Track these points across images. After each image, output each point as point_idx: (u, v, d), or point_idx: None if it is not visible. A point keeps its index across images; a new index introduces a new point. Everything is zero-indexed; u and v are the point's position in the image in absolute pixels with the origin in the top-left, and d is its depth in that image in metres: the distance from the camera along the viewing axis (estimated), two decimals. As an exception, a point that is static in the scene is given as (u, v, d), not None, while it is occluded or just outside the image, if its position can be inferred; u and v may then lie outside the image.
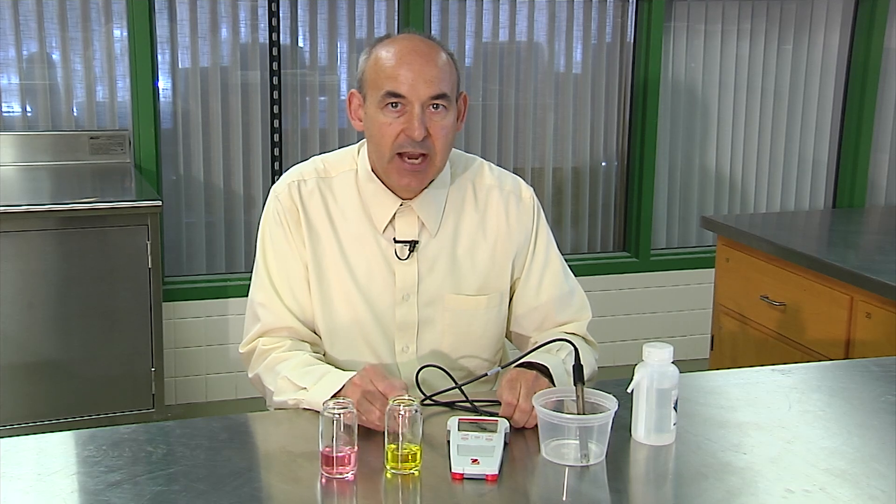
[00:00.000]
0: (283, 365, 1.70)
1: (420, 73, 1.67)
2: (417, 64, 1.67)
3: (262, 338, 1.78)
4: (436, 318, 1.80)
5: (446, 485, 1.35)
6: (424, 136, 1.68)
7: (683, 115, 4.36)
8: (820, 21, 4.47)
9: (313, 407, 1.56)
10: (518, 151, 4.17)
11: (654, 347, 1.48)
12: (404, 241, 1.78)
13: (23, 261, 2.93)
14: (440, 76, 1.69)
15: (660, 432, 1.48)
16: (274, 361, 1.72)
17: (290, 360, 1.70)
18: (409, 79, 1.66)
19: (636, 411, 1.49)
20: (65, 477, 1.34)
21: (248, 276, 3.78)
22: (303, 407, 1.61)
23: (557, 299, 1.86)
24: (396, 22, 3.94)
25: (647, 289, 4.27)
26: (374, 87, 1.70)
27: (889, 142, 4.65)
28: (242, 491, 1.31)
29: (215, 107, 3.78)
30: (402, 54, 1.69)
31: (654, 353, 1.48)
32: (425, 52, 1.70)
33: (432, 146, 1.70)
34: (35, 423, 3.00)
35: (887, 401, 1.68)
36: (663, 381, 1.47)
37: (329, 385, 1.58)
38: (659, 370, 1.47)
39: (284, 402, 1.65)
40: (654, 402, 1.47)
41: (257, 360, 1.76)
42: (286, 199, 1.79)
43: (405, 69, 1.67)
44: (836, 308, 2.63)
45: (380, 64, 1.70)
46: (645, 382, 1.47)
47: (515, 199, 1.86)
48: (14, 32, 3.53)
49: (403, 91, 1.67)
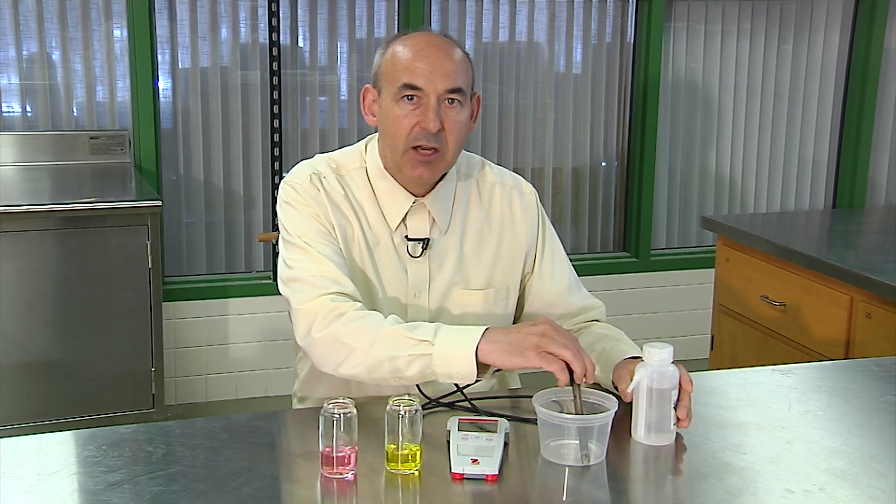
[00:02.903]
0: (372, 322, 1.59)
1: (437, 66, 1.68)
2: (435, 57, 1.68)
3: (327, 296, 1.64)
4: (446, 315, 1.80)
5: (446, 485, 1.35)
6: (438, 130, 1.68)
7: (683, 115, 4.36)
8: (820, 21, 4.47)
9: (439, 365, 1.52)
10: (518, 151, 4.18)
11: (654, 348, 1.48)
12: (417, 239, 1.79)
13: (23, 261, 2.93)
14: (456, 70, 1.70)
15: (660, 432, 1.48)
16: (354, 319, 1.61)
17: (379, 318, 1.60)
18: (425, 71, 1.67)
19: (636, 411, 1.49)
20: (65, 477, 1.34)
21: (248, 276, 3.85)
22: (416, 366, 1.54)
23: (570, 287, 1.89)
24: (396, 22, 3.94)
25: (647, 289, 4.27)
26: (391, 79, 1.70)
27: (889, 142, 4.65)
28: (242, 491, 1.31)
29: (215, 107, 3.78)
30: (420, 48, 1.70)
31: (654, 354, 1.48)
32: (442, 47, 1.71)
33: (445, 141, 1.70)
34: (35, 423, 3.00)
35: (887, 401, 1.68)
36: (663, 382, 1.47)
37: (460, 336, 1.53)
38: (659, 370, 1.47)
39: (394, 356, 1.55)
40: (654, 403, 1.47)
41: (326, 319, 1.62)
42: (310, 189, 1.75)
43: (422, 61, 1.68)
44: (836, 308, 2.63)
45: (397, 57, 1.70)
46: (645, 383, 1.47)
47: (518, 194, 1.88)
48: (14, 32, 3.53)
49: (420, 83, 1.67)
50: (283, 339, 3.67)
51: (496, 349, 1.50)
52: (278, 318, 3.66)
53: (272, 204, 3.82)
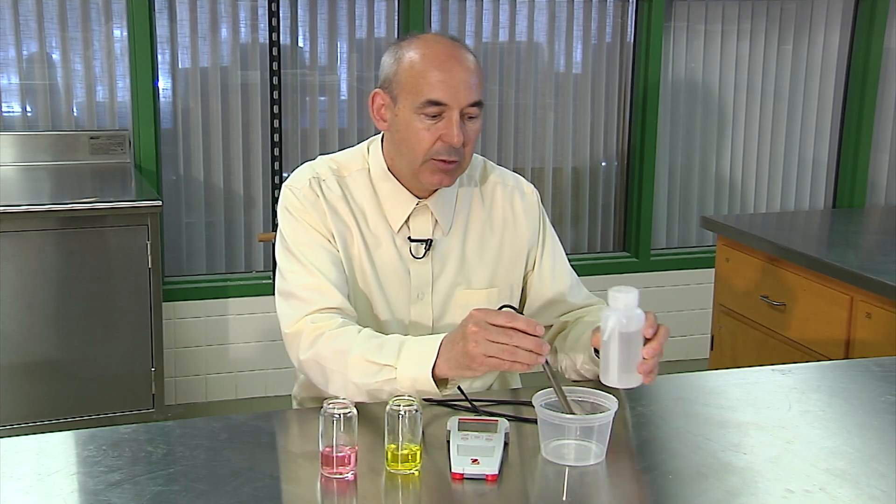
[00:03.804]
0: (345, 342, 1.61)
1: (460, 81, 1.67)
2: (457, 70, 1.67)
3: (309, 316, 1.68)
4: (449, 316, 1.81)
5: (446, 485, 1.35)
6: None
7: (683, 115, 4.36)
8: (820, 21, 4.47)
9: (404, 386, 1.53)
10: (518, 151, 4.18)
11: (620, 292, 1.47)
12: (419, 240, 1.79)
13: (23, 261, 2.93)
14: (476, 82, 1.69)
15: (629, 373, 1.48)
16: (331, 339, 1.63)
17: (351, 336, 1.62)
18: (450, 87, 1.66)
19: (606, 356, 1.48)
20: (65, 477, 1.34)
21: (248, 276, 3.85)
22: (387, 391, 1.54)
23: (570, 287, 1.89)
24: (396, 22, 3.94)
25: (647, 289, 4.27)
26: (411, 92, 1.68)
27: (889, 142, 4.65)
28: (242, 491, 1.31)
29: (215, 107, 3.78)
30: (441, 60, 1.68)
31: (619, 298, 1.46)
32: (461, 58, 1.69)
33: (463, 152, 1.71)
34: (35, 423, 3.00)
35: (887, 401, 1.68)
36: (630, 325, 1.46)
37: (420, 355, 1.53)
38: (626, 314, 1.46)
39: (365, 384, 1.58)
40: (623, 346, 1.47)
41: (308, 341, 1.66)
42: (309, 194, 1.76)
43: (445, 75, 1.66)
44: (836, 308, 2.63)
45: (416, 69, 1.68)
46: (612, 326, 1.46)
47: (520, 193, 1.89)
48: (14, 32, 3.53)
49: (445, 99, 1.66)
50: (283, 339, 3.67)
51: (448, 365, 1.52)
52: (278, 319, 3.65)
53: (272, 204, 3.82)
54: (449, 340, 1.53)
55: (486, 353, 1.45)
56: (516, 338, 1.44)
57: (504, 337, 1.44)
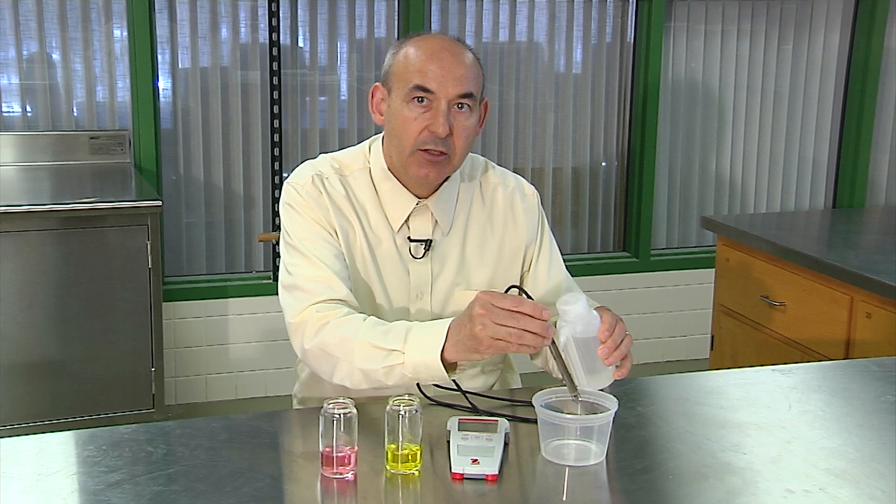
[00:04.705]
0: (350, 329, 1.61)
1: (450, 71, 1.68)
2: (448, 61, 1.69)
3: (314, 306, 1.68)
4: (448, 316, 1.80)
5: (446, 485, 1.35)
6: (447, 135, 1.68)
7: (683, 115, 4.36)
8: (820, 21, 4.47)
9: (412, 371, 1.53)
10: (518, 151, 4.18)
11: (567, 304, 1.49)
12: (419, 240, 1.79)
13: (23, 261, 2.93)
14: (468, 75, 1.70)
15: (595, 373, 1.50)
16: (337, 327, 1.63)
17: (357, 323, 1.62)
18: (438, 75, 1.67)
19: (570, 366, 1.49)
20: (65, 477, 1.34)
21: (248, 276, 3.85)
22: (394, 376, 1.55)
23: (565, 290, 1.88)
24: (396, 22, 3.94)
25: (647, 289, 4.27)
26: (402, 80, 1.70)
27: (889, 142, 4.65)
28: (242, 491, 1.31)
29: (215, 107, 3.78)
30: (434, 51, 1.70)
31: (568, 312, 1.48)
32: (455, 51, 1.71)
33: (453, 145, 1.71)
34: (35, 423, 3.00)
35: (887, 401, 1.68)
36: (587, 331, 1.48)
37: (428, 339, 1.53)
38: (580, 321, 1.48)
39: (372, 370, 1.58)
40: (583, 351, 1.48)
41: (313, 329, 1.65)
42: (311, 190, 1.76)
43: (435, 65, 1.68)
44: (836, 308, 2.63)
45: (409, 59, 1.70)
46: (566, 336, 1.48)
47: (520, 194, 1.89)
48: (14, 32, 3.53)
49: (432, 86, 1.67)
50: (283, 339, 3.63)
51: (456, 349, 1.52)
52: (278, 318, 3.63)
53: (272, 204, 3.82)
54: (456, 324, 1.53)
55: (493, 335, 1.45)
56: (523, 321, 1.44)
57: (511, 320, 1.44)
